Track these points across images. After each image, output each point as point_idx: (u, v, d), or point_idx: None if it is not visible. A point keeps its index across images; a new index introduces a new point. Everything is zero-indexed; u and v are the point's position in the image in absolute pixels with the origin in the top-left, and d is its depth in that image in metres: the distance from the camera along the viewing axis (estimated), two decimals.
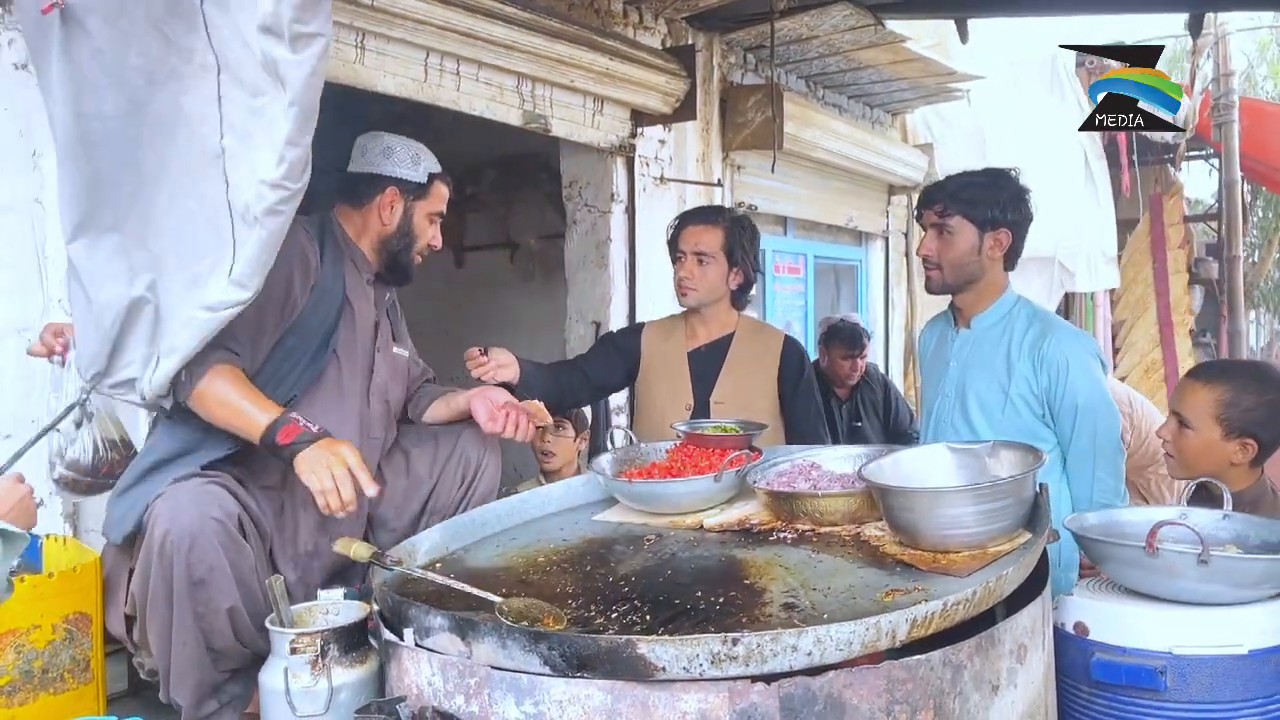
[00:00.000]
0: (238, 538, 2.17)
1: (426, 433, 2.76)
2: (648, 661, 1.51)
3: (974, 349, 2.81)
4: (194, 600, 2.11)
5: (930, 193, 2.83)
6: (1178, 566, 1.79)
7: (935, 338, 3.02)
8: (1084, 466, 2.65)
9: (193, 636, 2.14)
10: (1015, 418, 2.68)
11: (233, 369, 2.22)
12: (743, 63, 6.15)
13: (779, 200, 6.56)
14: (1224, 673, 1.76)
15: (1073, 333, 2.81)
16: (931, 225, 2.79)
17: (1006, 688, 1.69)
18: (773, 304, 6.83)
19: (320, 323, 2.45)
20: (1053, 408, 2.67)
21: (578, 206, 5.37)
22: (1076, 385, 2.63)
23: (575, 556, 2.20)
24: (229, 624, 2.15)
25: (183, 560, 2.09)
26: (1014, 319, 2.78)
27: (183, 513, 2.10)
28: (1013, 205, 2.74)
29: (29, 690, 2.09)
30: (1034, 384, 2.67)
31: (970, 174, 2.83)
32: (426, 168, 2.64)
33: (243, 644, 2.18)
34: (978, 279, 2.79)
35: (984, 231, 2.74)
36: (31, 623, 2.10)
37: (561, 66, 4.59)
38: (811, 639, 1.51)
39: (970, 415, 2.74)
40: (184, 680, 2.15)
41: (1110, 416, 2.67)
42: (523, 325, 6.64)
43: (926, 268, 2.83)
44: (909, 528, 1.94)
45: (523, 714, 1.56)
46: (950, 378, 2.84)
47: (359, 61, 3.88)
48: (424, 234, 2.67)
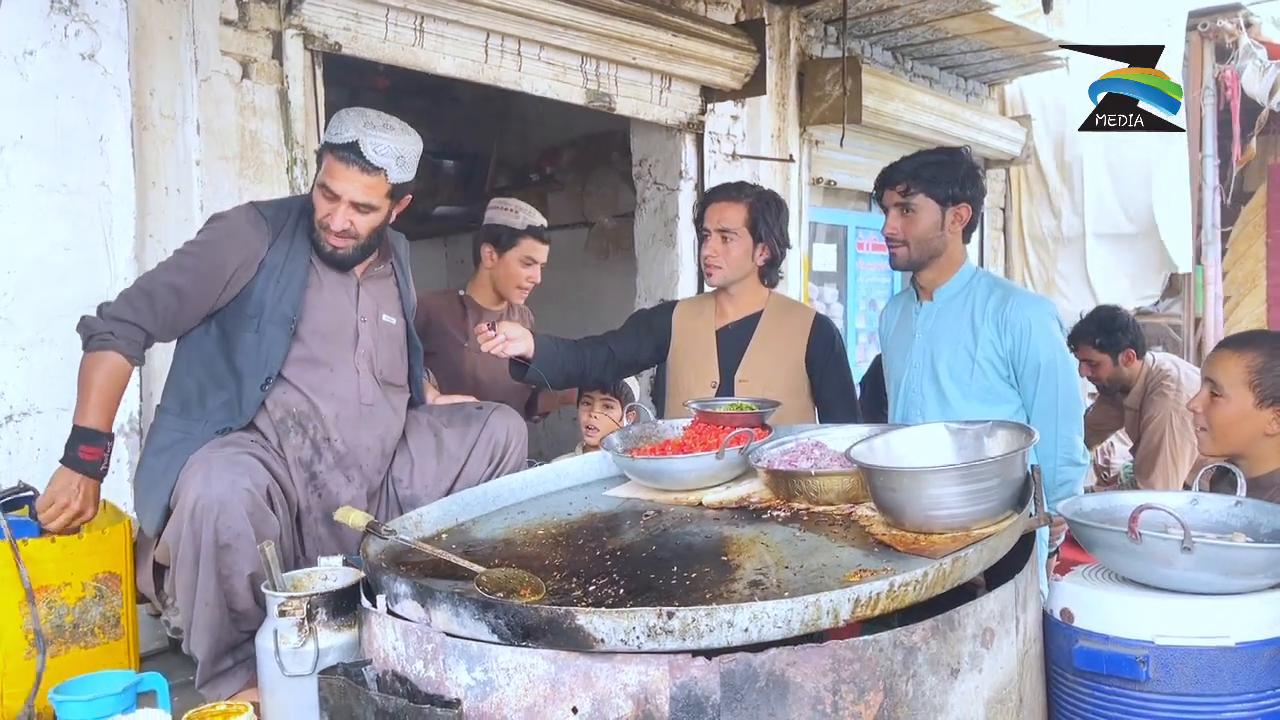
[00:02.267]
0: (264, 507, 2.29)
1: (458, 414, 2.83)
2: (586, 633, 1.53)
3: (938, 320, 2.92)
4: (219, 564, 2.24)
5: (889, 174, 2.93)
6: (1162, 553, 1.71)
7: (897, 314, 3.13)
8: (1047, 424, 2.73)
9: (215, 598, 2.26)
10: (983, 379, 2.81)
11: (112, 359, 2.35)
12: (822, 35, 6.04)
13: (862, 175, 6.43)
14: (1209, 665, 1.68)
15: (1032, 297, 2.97)
16: (895, 205, 2.90)
17: (969, 672, 1.65)
18: (855, 282, 6.71)
19: (278, 300, 2.52)
20: (1016, 368, 2.80)
21: (647, 185, 5.39)
22: (1038, 345, 2.76)
23: (573, 531, 2.23)
24: (250, 588, 2.27)
25: (211, 526, 2.22)
26: (975, 288, 2.90)
27: (216, 480, 2.23)
28: (970, 180, 2.87)
29: (60, 643, 2.24)
30: (999, 346, 2.79)
31: (926, 154, 2.96)
32: (326, 136, 2.52)
33: (262, 608, 2.28)
34: (940, 253, 2.90)
35: (945, 207, 2.86)
36: (62, 580, 2.24)
37: (624, 44, 4.60)
38: (747, 615, 1.51)
39: (940, 381, 2.86)
40: (203, 636, 2.28)
41: (1069, 375, 2.80)
42: (599, 304, 6.70)
43: (891, 245, 2.93)
44: (893, 508, 1.91)
45: (474, 680, 1.60)
46: (917, 348, 2.94)
47: (418, 44, 3.97)
48: (317, 206, 2.54)
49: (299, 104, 3.64)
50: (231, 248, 2.51)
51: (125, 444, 3.17)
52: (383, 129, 2.50)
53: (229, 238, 2.53)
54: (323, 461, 2.54)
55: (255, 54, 3.56)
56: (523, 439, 2.81)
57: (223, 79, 3.48)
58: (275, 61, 3.61)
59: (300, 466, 2.53)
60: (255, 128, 3.56)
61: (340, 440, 2.56)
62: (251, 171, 3.55)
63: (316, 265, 2.61)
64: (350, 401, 2.59)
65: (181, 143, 3.38)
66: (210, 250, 2.51)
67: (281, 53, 3.60)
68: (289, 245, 2.58)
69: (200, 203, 3.41)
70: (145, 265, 3.25)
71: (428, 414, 2.81)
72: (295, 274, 2.56)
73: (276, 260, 2.55)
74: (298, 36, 3.62)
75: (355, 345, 2.64)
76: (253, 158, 3.56)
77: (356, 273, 2.68)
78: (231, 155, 3.50)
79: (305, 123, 3.66)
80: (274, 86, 3.61)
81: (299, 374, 2.53)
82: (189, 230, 3.35)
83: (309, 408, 2.53)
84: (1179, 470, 4.24)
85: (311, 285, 2.59)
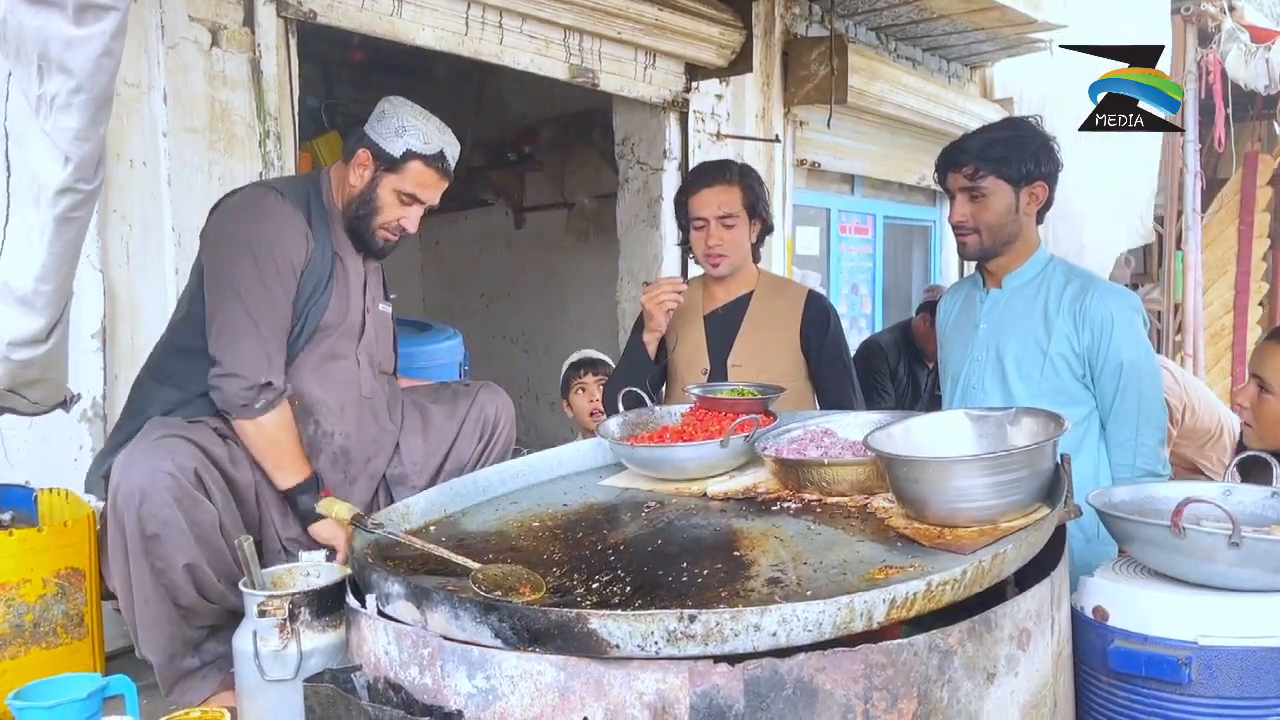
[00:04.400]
0: (193, 493, 2.11)
1: (444, 391, 2.75)
2: (599, 638, 1.41)
3: (1006, 309, 2.65)
4: (149, 555, 2.08)
5: (953, 155, 2.63)
6: (1207, 548, 1.61)
7: (959, 302, 2.86)
8: (1126, 430, 2.50)
9: (154, 592, 2.11)
10: (1054, 377, 2.53)
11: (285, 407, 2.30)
12: (807, 14, 5.91)
13: (846, 157, 6.34)
14: (1256, 666, 1.58)
15: (1115, 289, 2.64)
16: (961, 189, 2.61)
17: (1005, 676, 1.55)
18: (838, 265, 6.62)
19: (314, 290, 2.41)
20: (1094, 367, 2.52)
21: (630, 164, 5.26)
22: (1121, 342, 2.48)
23: (570, 523, 2.11)
24: (189, 580, 2.12)
25: (134, 515, 2.05)
26: (1050, 275, 2.63)
27: (135, 467, 2.06)
28: (1044, 156, 2.58)
29: (20, 644, 2.09)
30: (1075, 342, 2.52)
31: (992, 129, 2.67)
32: (407, 143, 2.42)
33: (210, 601, 2.15)
34: (1015, 238, 2.63)
35: (1019, 188, 2.57)
36: (21, 577, 2.09)
37: (608, 18, 4.46)
38: (776, 618, 1.39)
39: (1007, 377, 2.59)
40: (151, 635, 2.13)
41: (1155, 377, 2.52)
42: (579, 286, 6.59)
43: (960, 233, 2.65)
44: (915, 500, 1.80)
45: (475, 688, 1.48)
46: (980, 340, 2.68)
47: (396, 14, 3.82)
48: (388, 209, 2.47)
49: (272, 74, 3.47)
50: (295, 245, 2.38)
51: (89, 430, 3.02)
52: (449, 133, 2.51)
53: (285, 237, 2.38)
54: (322, 456, 2.44)
55: (225, 21, 3.38)
56: (511, 418, 2.74)
57: (191, 46, 3.29)
58: (247, 29, 3.43)
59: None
60: (226, 99, 3.39)
61: (342, 434, 2.46)
62: (222, 144, 3.38)
63: (340, 255, 2.49)
64: (354, 394, 2.49)
65: (148, 113, 3.20)
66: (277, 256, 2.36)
67: (253, 20, 3.43)
68: (319, 235, 2.45)
69: (168, 176, 3.24)
70: (108, 242, 3.09)
71: (412, 392, 2.71)
72: (326, 265, 2.44)
73: (315, 250, 2.43)
74: (270, 3, 3.44)
75: (360, 337, 2.54)
76: (223, 130, 3.38)
77: (361, 261, 2.57)
78: (200, 127, 3.32)
79: (279, 94, 3.49)
80: (245, 55, 3.43)
81: (315, 367, 2.43)
82: (156, 206, 3.20)
83: (314, 401, 2.43)
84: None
85: (338, 277, 2.47)
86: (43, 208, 1.67)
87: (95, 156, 1.67)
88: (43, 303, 1.75)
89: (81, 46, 1.57)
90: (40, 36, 1.57)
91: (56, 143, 1.63)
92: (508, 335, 7.13)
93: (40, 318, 1.76)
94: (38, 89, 1.62)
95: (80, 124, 1.62)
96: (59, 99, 1.60)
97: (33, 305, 1.74)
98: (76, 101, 1.60)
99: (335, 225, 2.50)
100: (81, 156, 1.64)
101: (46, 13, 1.56)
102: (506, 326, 7.22)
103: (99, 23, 1.57)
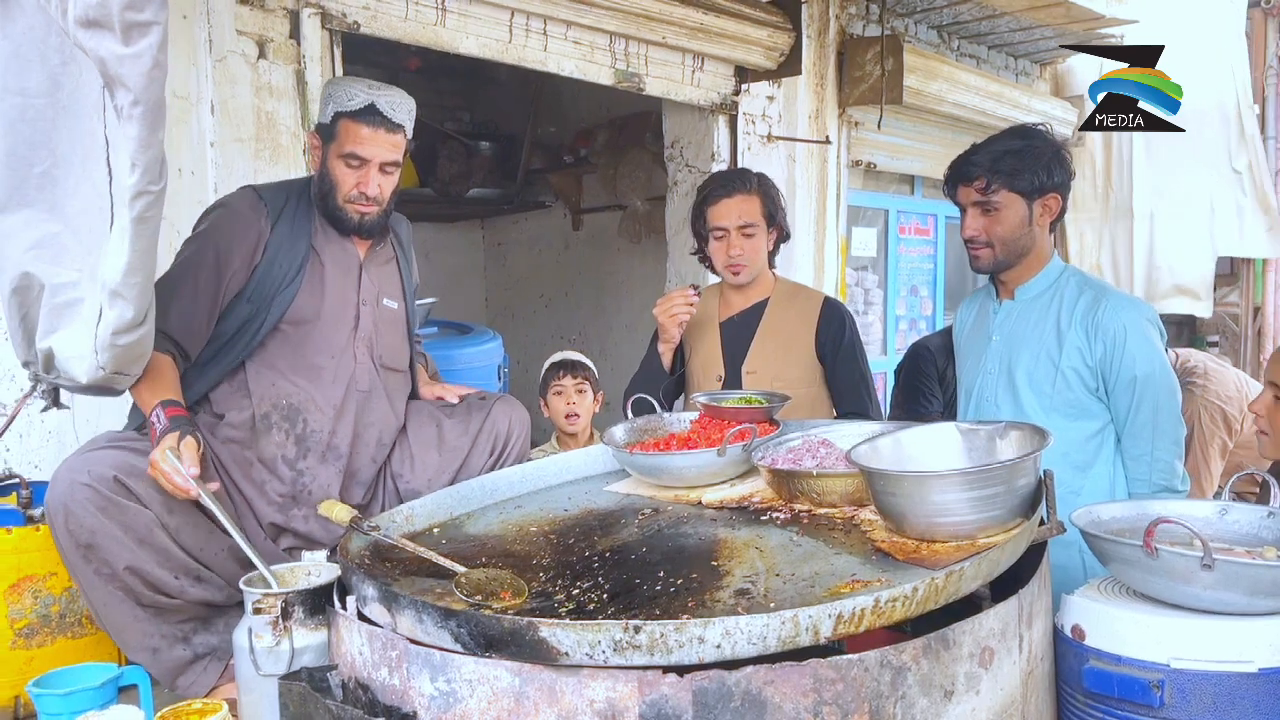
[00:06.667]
0: (117, 500, 2.11)
1: (459, 405, 2.77)
2: (550, 646, 1.45)
3: (1019, 320, 2.61)
4: (90, 563, 2.11)
5: (962, 168, 2.58)
6: (1180, 570, 1.58)
7: (973, 314, 2.82)
8: (1141, 445, 2.45)
9: (109, 596, 2.14)
10: (1066, 391, 2.49)
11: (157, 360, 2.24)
12: (864, 13, 5.86)
13: (903, 157, 6.26)
14: (1229, 692, 1.55)
15: (1128, 300, 2.58)
16: (973, 204, 2.57)
17: (965, 694, 1.54)
18: (896, 267, 6.54)
19: (276, 285, 2.45)
20: (1107, 380, 2.46)
21: (679, 167, 5.27)
22: (1135, 355, 2.43)
23: (566, 528, 2.15)
24: (139, 581, 2.14)
25: (63, 529, 2.09)
26: (1062, 286, 2.58)
27: (57, 483, 2.11)
28: (1056, 165, 2.52)
29: (46, 633, 2.21)
30: (1088, 355, 2.47)
31: (1001, 139, 2.59)
32: (333, 108, 2.46)
33: (170, 597, 2.18)
34: (1029, 250, 2.58)
35: (1032, 200, 2.53)
36: (48, 570, 2.21)
37: (653, 23, 4.47)
38: (719, 630, 1.41)
39: (1018, 390, 2.55)
40: (124, 637, 2.18)
41: (1171, 389, 2.45)
42: (632, 287, 6.62)
43: (973, 247, 2.60)
44: (894, 514, 1.80)
45: (437, 690, 1.53)
46: (993, 353, 2.64)
47: (439, 23, 3.89)
48: (342, 180, 2.48)
49: (316, 84, 3.57)
50: (236, 232, 2.45)
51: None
52: (386, 88, 2.50)
53: (230, 222, 2.47)
54: (311, 455, 2.48)
55: (272, 34, 3.50)
56: (525, 430, 2.74)
57: (238, 59, 3.42)
58: (292, 41, 3.54)
59: (284, 464, 2.47)
60: (271, 108, 3.50)
61: (331, 430, 2.50)
62: (268, 153, 3.50)
63: (318, 249, 2.55)
64: (346, 389, 2.53)
65: (196, 124, 3.33)
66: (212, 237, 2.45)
67: (299, 32, 3.54)
68: (290, 228, 2.52)
69: (214, 185, 3.35)
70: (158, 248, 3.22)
71: (429, 404, 2.74)
72: (296, 258, 2.50)
73: (278, 242, 2.49)
74: (315, 15, 3.55)
75: (355, 330, 2.57)
76: (269, 139, 3.50)
77: (360, 255, 2.62)
78: (247, 137, 3.45)
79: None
80: (291, 66, 3.54)
81: (293, 361, 2.47)
82: None
83: (302, 398, 2.47)
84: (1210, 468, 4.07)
85: (313, 269, 2.53)
86: (125, 210, 1.83)
87: (159, 160, 1.81)
88: (134, 294, 1.93)
89: (133, 63, 1.69)
90: (97, 56, 1.71)
91: (127, 151, 1.77)
92: (565, 335, 7.20)
93: (131, 307, 1.94)
94: (111, 102, 1.78)
95: (142, 132, 1.75)
96: (123, 111, 1.74)
97: (125, 297, 1.92)
98: (136, 114, 1.73)
99: (317, 219, 2.55)
100: (147, 161, 1.79)
101: (99, 35, 1.68)
102: (564, 327, 7.29)
103: (145, 39, 1.68)
